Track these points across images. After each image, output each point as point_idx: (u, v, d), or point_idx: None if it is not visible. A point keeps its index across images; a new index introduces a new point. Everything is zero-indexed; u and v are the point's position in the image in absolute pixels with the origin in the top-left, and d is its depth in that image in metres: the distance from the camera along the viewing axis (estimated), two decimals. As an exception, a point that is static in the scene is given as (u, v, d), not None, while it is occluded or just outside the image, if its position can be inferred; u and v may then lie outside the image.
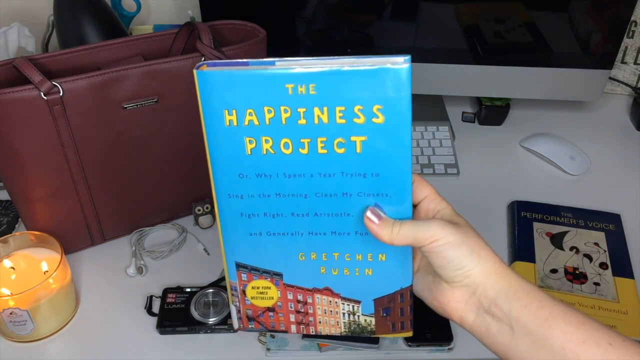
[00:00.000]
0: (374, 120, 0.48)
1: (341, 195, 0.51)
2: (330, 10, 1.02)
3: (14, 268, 0.78)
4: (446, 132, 1.10)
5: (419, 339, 0.76)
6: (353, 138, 0.49)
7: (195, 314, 0.78)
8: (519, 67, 1.05)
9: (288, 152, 0.50)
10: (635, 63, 1.18)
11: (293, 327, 0.59)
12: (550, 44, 1.03)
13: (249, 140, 0.51)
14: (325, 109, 0.48)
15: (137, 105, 0.79)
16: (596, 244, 0.87)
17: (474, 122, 1.16)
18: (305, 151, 0.50)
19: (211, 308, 0.79)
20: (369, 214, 0.51)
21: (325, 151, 0.50)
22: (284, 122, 0.49)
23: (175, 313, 0.79)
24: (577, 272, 0.82)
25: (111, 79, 0.76)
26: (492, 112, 1.13)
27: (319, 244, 0.54)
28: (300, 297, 0.57)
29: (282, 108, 0.49)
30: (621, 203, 0.97)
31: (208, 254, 0.89)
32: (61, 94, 0.74)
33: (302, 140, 0.49)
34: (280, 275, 0.56)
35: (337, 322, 0.58)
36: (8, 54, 1.06)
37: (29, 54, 0.88)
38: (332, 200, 0.51)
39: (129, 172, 0.84)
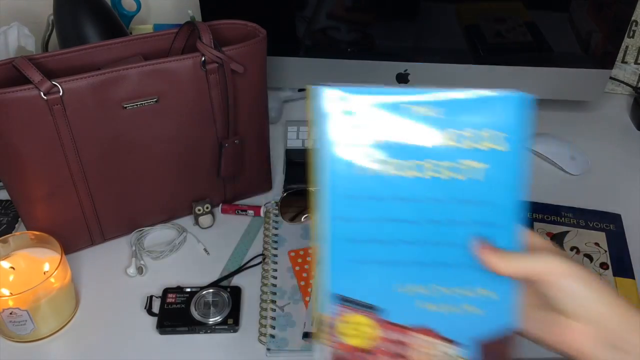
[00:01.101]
0: (497, 147, 0.47)
1: (453, 223, 0.47)
2: (330, 10, 1.02)
3: (13, 268, 0.78)
4: (446, 132, 1.10)
5: (419, 339, 0.76)
6: (473, 164, 0.47)
7: (195, 314, 0.78)
8: (519, 67, 1.05)
9: (402, 174, 0.46)
10: (635, 63, 1.18)
11: None
12: (550, 44, 1.03)
13: (361, 159, 0.47)
14: (447, 132, 0.46)
15: (137, 105, 0.79)
16: (597, 244, 0.87)
17: (474, 122, 1.16)
18: (420, 174, 0.46)
19: (211, 308, 0.79)
20: (482, 243, 0.48)
21: (441, 176, 0.47)
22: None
23: (175, 313, 0.79)
24: None
25: (111, 78, 0.76)
26: (492, 112, 1.13)
27: (425, 276, 0.49)
28: (398, 337, 0.49)
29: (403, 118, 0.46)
30: (621, 203, 0.97)
31: (208, 253, 0.89)
32: (61, 94, 0.74)
33: (418, 163, 0.46)
34: (378, 309, 0.49)
35: None
36: (8, 53, 1.06)
37: (28, 54, 0.88)
38: (444, 229, 0.48)
39: (129, 171, 0.84)
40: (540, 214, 0.92)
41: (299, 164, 1.01)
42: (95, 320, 0.80)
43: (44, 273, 0.78)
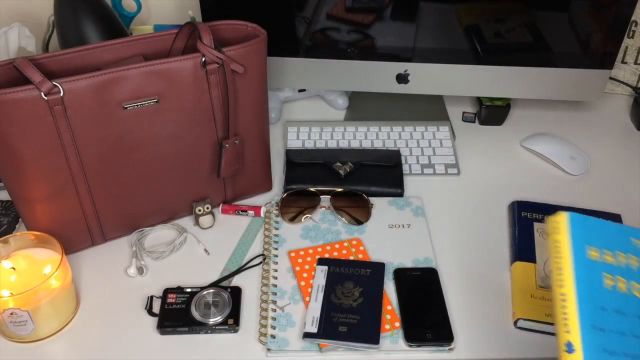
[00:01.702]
0: None
1: None
2: (330, 11, 1.02)
3: (14, 268, 0.78)
4: (447, 132, 1.10)
5: (419, 339, 0.76)
6: None
7: (195, 314, 0.79)
8: (519, 67, 1.05)
9: (639, 295, 0.51)
10: (635, 63, 1.18)
11: None
12: (550, 44, 1.03)
13: (606, 276, 0.51)
14: None
15: (137, 105, 0.79)
16: None
17: (474, 122, 1.16)
18: None
19: (211, 308, 0.79)
20: None
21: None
22: (634, 266, 0.52)
23: (175, 313, 0.79)
24: None
25: (111, 79, 0.76)
26: (492, 112, 1.13)
27: None
28: None
29: (632, 256, 0.53)
30: (621, 203, 0.98)
31: (208, 254, 0.89)
32: (61, 94, 0.74)
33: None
34: None
35: None
36: (8, 54, 1.06)
37: (29, 54, 0.88)
38: None
39: (129, 172, 0.84)
40: (541, 213, 0.92)
41: (299, 164, 1.01)
42: (95, 321, 0.80)
43: (45, 273, 0.78)
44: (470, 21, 1.02)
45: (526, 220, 0.91)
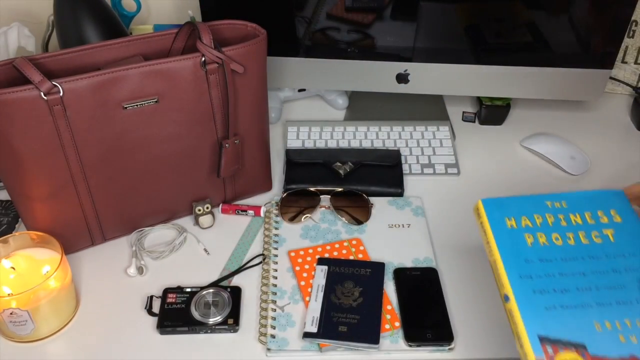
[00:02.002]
0: (615, 219, 0.66)
1: (612, 272, 0.62)
2: (330, 10, 1.02)
3: (14, 268, 0.78)
4: (446, 131, 1.10)
5: (419, 338, 0.76)
6: (605, 231, 0.65)
7: (195, 314, 0.78)
8: (519, 67, 1.05)
9: (559, 242, 0.65)
10: (635, 63, 1.18)
11: None
12: (550, 44, 1.03)
13: (527, 236, 0.65)
14: (577, 214, 0.67)
15: (137, 105, 0.79)
16: None
17: (474, 121, 1.16)
18: (572, 242, 0.65)
19: (211, 308, 0.79)
20: None
21: (587, 241, 0.65)
22: (550, 222, 0.67)
23: (175, 313, 0.79)
24: None
25: (111, 79, 0.76)
26: (492, 111, 1.13)
27: (610, 313, 0.59)
28: None
29: (547, 215, 0.67)
30: None
31: (208, 253, 0.89)
32: (61, 94, 0.74)
33: (567, 235, 0.66)
34: (584, 346, 0.57)
35: None
36: (8, 54, 1.06)
37: (29, 54, 0.88)
38: (607, 276, 0.62)
39: (129, 172, 0.84)
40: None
41: (299, 164, 1.01)
42: (95, 320, 0.80)
43: (45, 273, 0.78)
44: (470, 21, 1.02)
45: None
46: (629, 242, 0.65)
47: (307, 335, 0.76)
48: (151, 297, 0.82)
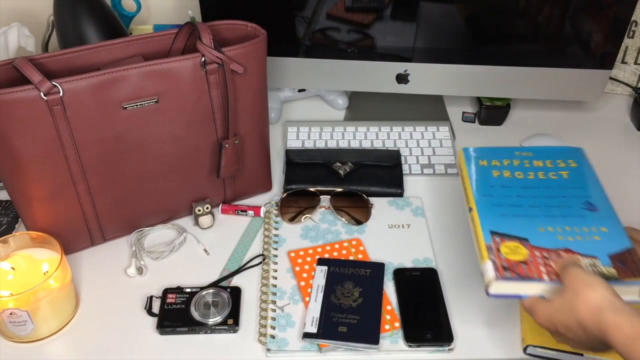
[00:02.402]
0: (571, 164, 0.82)
1: (561, 197, 0.77)
2: (330, 11, 1.02)
3: (14, 268, 0.78)
4: (446, 132, 1.10)
5: (419, 339, 0.76)
6: (560, 172, 0.81)
7: (195, 314, 0.78)
8: (519, 67, 1.05)
9: (521, 177, 0.80)
10: (635, 63, 1.18)
11: (544, 275, 0.68)
12: (550, 44, 1.03)
13: (494, 171, 0.81)
14: (540, 161, 0.82)
15: (137, 105, 0.79)
16: None
17: (474, 122, 1.16)
18: (532, 177, 0.80)
19: (211, 308, 0.79)
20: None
21: (544, 177, 0.80)
22: (516, 164, 0.82)
23: (175, 313, 0.79)
24: None
25: (111, 79, 0.76)
26: (492, 112, 1.13)
27: (553, 222, 0.74)
28: (546, 255, 0.70)
29: (514, 160, 0.83)
30: (621, 203, 0.97)
31: (208, 254, 0.89)
32: (61, 94, 0.74)
33: (528, 173, 0.81)
34: (526, 239, 0.72)
35: None
36: (8, 54, 1.06)
37: (29, 54, 0.88)
38: (556, 200, 0.77)
39: (129, 172, 0.84)
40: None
41: (299, 164, 1.01)
42: (95, 321, 0.80)
43: (44, 273, 0.78)
44: (470, 21, 1.02)
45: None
46: (580, 179, 0.80)
47: (306, 335, 0.76)
48: (151, 297, 0.82)
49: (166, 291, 0.82)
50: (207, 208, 0.92)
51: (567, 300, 0.62)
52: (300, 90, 1.19)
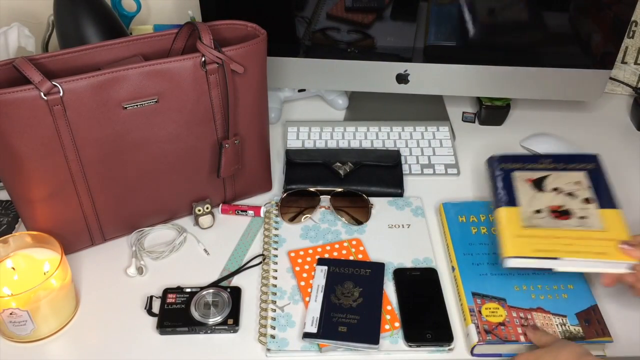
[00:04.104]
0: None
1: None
2: (330, 11, 1.02)
3: (14, 268, 0.78)
4: (446, 132, 1.10)
5: (419, 339, 0.76)
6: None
7: (195, 314, 0.78)
8: (519, 67, 1.05)
9: (496, 233, 0.84)
10: (635, 63, 1.18)
11: (521, 337, 0.76)
12: (550, 44, 1.03)
13: (472, 228, 0.90)
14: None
15: (137, 105, 0.79)
16: (578, 182, 0.87)
17: (474, 122, 1.16)
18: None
19: (211, 308, 0.79)
20: (623, 246, 0.77)
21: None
22: (491, 220, 0.90)
23: (175, 313, 0.79)
24: (561, 209, 0.83)
25: (111, 79, 0.76)
26: (492, 112, 1.13)
27: (527, 280, 0.82)
28: (522, 315, 0.78)
29: (489, 215, 0.91)
30: (621, 203, 0.97)
31: (208, 254, 0.89)
32: (61, 94, 0.74)
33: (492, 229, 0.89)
34: (504, 299, 0.79)
35: (554, 332, 0.76)
36: (8, 54, 1.06)
37: (29, 54, 0.88)
38: None
39: (129, 172, 0.84)
40: (518, 163, 0.91)
41: (299, 164, 1.01)
42: (95, 321, 0.80)
43: (44, 273, 0.78)
44: (470, 21, 1.02)
45: (505, 171, 0.90)
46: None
47: (307, 335, 0.76)
48: (151, 297, 0.82)
49: (166, 291, 0.82)
50: (207, 208, 0.92)
51: (550, 350, 0.70)
52: (300, 90, 1.19)
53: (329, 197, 0.95)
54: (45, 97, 0.73)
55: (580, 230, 0.80)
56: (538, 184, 0.87)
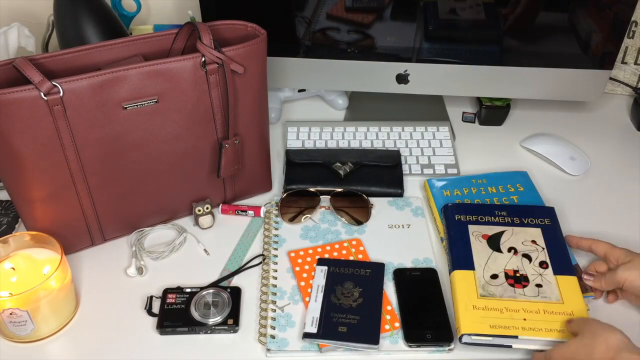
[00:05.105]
0: (519, 189, 0.97)
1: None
2: (330, 11, 1.02)
3: (14, 268, 0.78)
4: (446, 132, 1.10)
5: (419, 339, 0.76)
6: (512, 197, 0.95)
7: (195, 314, 0.78)
8: (519, 67, 1.05)
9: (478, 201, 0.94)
10: (635, 63, 1.18)
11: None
12: (550, 44, 1.03)
13: (458, 201, 0.93)
14: (494, 187, 0.97)
15: (137, 105, 0.79)
16: (534, 241, 0.85)
17: (474, 122, 1.16)
18: (488, 203, 0.95)
19: (211, 308, 0.79)
20: (586, 276, 0.80)
21: (499, 203, 0.94)
22: (474, 193, 0.96)
23: (175, 313, 0.79)
24: (517, 274, 0.80)
25: (111, 79, 0.76)
26: (492, 112, 1.13)
27: None
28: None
29: (472, 188, 0.97)
30: (621, 203, 0.98)
31: (208, 254, 0.89)
32: (61, 94, 0.74)
33: (485, 199, 0.95)
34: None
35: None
36: (8, 54, 1.06)
37: (29, 54, 0.88)
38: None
39: (128, 172, 0.84)
40: (474, 215, 0.89)
41: (299, 164, 1.01)
42: (95, 321, 0.80)
43: (44, 274, 0.78)
44: (470, 21, 1.02)
45: (460, 224, 0.88)
46: (528, 203, 0.93)
47: (306, 335, 0.76)
48: (151, 297, 0.82)
49: (166, 291, 0.82)
50: (207, 208, 0.92)
51: (585, 343, 0.68)
52: (300, 90, 1.19)
53: (329, 197, 0.95)
54: (45, 97, 0.73)
55: (537, 302, 0.77)
56: (494, 243, 0.85)
